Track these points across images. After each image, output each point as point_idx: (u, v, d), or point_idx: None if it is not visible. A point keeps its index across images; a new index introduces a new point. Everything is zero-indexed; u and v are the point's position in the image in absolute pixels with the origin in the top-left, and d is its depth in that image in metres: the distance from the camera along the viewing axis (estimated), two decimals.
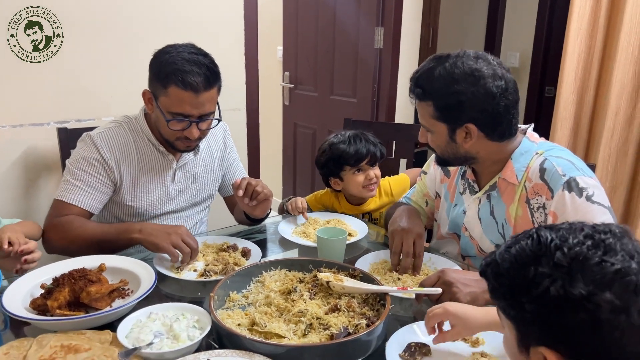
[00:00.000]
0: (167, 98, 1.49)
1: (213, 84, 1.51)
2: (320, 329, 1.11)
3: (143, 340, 1.04)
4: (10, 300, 1.14)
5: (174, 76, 1.46)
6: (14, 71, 1.86)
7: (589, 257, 0.67)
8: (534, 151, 1.39)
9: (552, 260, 0.68)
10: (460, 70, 1.30)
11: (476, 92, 1.29)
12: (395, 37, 3.01)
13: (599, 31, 2.36)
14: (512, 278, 0.72)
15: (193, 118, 1.51)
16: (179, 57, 1.48)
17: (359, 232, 1.72)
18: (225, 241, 1.59)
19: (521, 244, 0.73)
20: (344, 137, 1.92)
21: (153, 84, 1.54)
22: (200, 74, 1.47)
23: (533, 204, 1.36)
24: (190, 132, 1.53)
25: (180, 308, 1.16)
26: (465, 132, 1.35)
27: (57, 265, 1.31)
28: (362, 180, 1.90)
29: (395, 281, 1.40)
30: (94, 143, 1.58)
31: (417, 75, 1.37)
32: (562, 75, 2.44)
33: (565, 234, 0.71)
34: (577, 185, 1.28)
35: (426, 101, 1.35)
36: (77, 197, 1.55)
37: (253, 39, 2.46)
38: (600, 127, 2.39)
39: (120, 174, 1.61)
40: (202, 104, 1.50)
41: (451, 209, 1.59)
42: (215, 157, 1.81)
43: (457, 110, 1.32)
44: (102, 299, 1.19)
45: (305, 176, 3.75)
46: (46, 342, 1.03)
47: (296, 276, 1.32)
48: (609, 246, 0.68)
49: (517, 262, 0.72)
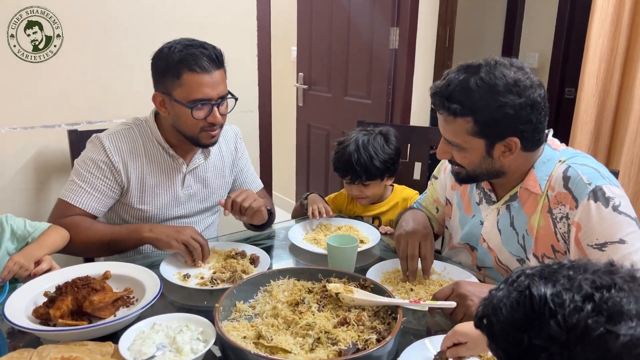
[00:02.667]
0: (184, 88, 1.48)
1: (221, 64, 1.52)
2: (328, 343, 1.07)
3: (145, 353, 1.01)
4: (12, 308, 1.12)
5: (186, 62, 1.46)
6: (14, 71, 1.84)
7: (590, 328, 0.57)
8: (556, 159, 1.32)
9: (547, 330, 0.59)
10: (502, 80, 1.20)
11: (523, 104, 1.20)
12: (411, 37, 2.95)
13: (622, 32, 2.28)
14: (505, 343, 0.64)
15: (213, 101, 1.50)
16: (179, 46, 1.49)
17: (371, 239, 1.67)
18: (233, 247, 1.55)
19: (512, 299, 0.64)
20: (346, 143, 1.86)
21: (162, 82, 1.52)
22: (207, 55, 1.48)
23: (555, 214, 1.30)
24: (214, 116, 1.52)
25: (185, 319, 1.13)
26: (504, 146, 1.26)
27: (61, 272, 1.29)
28: (349, 192, 1.91)
29: (407, 292, 1.35)
30: (102, 145, 1.56)
31: (451, 89, 1.23)
32: (583, 78, 2.36)
33: (562, 291, 0.60)
34: (604, 195, 1.22)
35: (464, 117, 1.23)
36: (82, 200, 1.54)
37: (266, 40, 2.43)
38: (623, 132, 2.31)
39: (127, 177, 1.59)
40: (218, 83, 1.50)
41: (467, 220, 1.53)
42: (226, 161, 1.78)
43: (501, 125, 1.22)
44: (106, 307, 1.16)
45: (319, 177, 3.72)
46: (46, 354, 1.00)
47: (305, 286, 1.28)
48: (614, 308, 0.58)
49: (509, 325, 0.63)
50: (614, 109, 2.38)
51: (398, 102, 3.05)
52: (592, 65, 2.34)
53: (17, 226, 1.42)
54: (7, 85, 1.85)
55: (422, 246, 1.38)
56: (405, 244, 1.38)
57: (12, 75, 1.85)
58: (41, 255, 1.34)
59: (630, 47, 2.31)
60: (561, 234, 1.30)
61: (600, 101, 2.39)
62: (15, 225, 1.42)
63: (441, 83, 1.27)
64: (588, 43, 2.33)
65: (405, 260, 1.38)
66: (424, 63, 3.09)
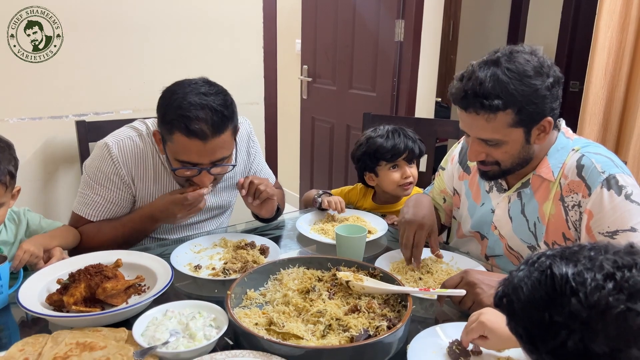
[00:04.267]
0: (173, 145, 1.37)
1: (223, 129, 1.36)
2: (340, 330, 1.08)
3: (159, 339, 1.01)
4: (26, 295, 1.13)
5: (178, 122, 1.32)
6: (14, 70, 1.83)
7: (611, 306, 0.58)
8: (570, 147, 1.34)
9: (568, 307, 0.60)
10: (529, 65, 1.22)
11: (553, 82, 1.24)
12: (417, 30, 2.95)
13: (631, 24, 2.27)
14: (526, 321, 0.65)
15: (203, 165, 1.39)
16: (185, 100, 1.34)
17: (379, 229, 1.68)
18: (242, 238, 1.56)
19: (534, 279, 0.65)
20: (382, 131, 1.86)
21: (160, 126, 1.42)
22: (207, 120, 1.32)
23: (567, 202, 1.31)
24: (200, 179, 1.41)
25: (197, 306, 1.13)
26: (538, 130, 1.28)
27: (73, 260, 1.30)
28: (398, 178, 1.83)
29: (416, 281, 1.36)
30: (111, 156, 1.50)
31: (486, 87, 1.20)
32: (591, 70, 2.36)
33: (583, 271, 0.61)
34: (617, 183, 1.23)
35: (505, 110, 1.22)
36: (96, 213, 1.53)
37: (272, 32, 2.43)
38: (632, 124, 2.31)
39: (136, 188, 1.55)
40: (212, 151, 1.36)
41: (476, 208, 1.54)
42: (237, 170, 1.70)
43: (539, 108, 1.24)
44: (118, 295, 1.17)
45: (323, 171, 3.72)
46: (61, 339, 1.01)
47: (314, 274, 1.29)
48: (635, 286, 0.59)
49: (530, 304, 0.64)
50: (623, 101, 2.38)
51: (403, 94, 3.05)
52: (601, 57, 2.33)
53: (32, 221, 1.43)
54: (10, 81, 1.84)
55: (417, 235, 1.39)
56: (403, 232, 1.41)
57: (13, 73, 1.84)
58: (51, 246, 1.34)
59: (638, 39, 2.30)
60: (572, 222, 1.31)
61: (608, 93, 2.38)
62: (31, 219, 1.43)
63: (470, 84, 1.23)
64: (596, 35, 2.32)
65: (407, 248, 1.40)
66: (429, 56, 3.09)
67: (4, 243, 1.37)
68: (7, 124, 1.87)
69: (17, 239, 1.39)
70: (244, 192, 1.52)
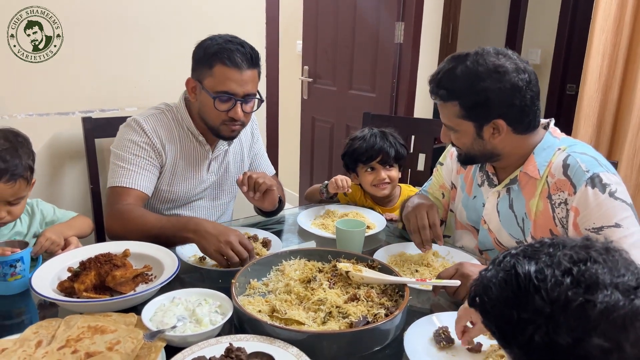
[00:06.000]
0: (213, 78, 1.54)
1: (255, 64, 1.57)
2: (339, 317, 1.12)
3: (167, 323, 1.06)
4: (39, 282, 1.18)
5: (220, 54, 1.52)
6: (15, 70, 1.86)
7: (570, 299, 0.63)
8: (556, 146, 1.39)
9: (532, 304, 0.65)
10: (483, 67, 1.30)
11: (503, 88, 1.29)
12: (416, 32, 3.00)
13: (625, 28, 2.33)
14: (497, 319, 0.70)
15: (237, 97, 1.55)
16: (221, 39, 1.56)
17: (377, 224, 1.73)
18: (245, 232, 1.61)
19: (500, 279, 0.69)
20: (364, 133, 1.93)
21: (197, 69, 1.58)
22: (244, 53, 1.54)
23: (555, 200, 1.36)
24: (235, 111, 1.56)
25: (203, 294, 1.18)
26: (492, 128, 1.35)
27: (83, 249, 1.35)
28: (372, 180, 1.90)
29: (412, 273, 1.41)
30: (142, 127, 1.61)
31: (439, 77, 1.36)
32: (586, 72, 2.41)
33: (544, 268, 0.66)
34: (601, 182, 1.28)
35: (451, 101, 1.35)
36: (134, 181, 1.57)
37: (274, 32, 2.48)
38: (626, 125, 2.36)
39: (165, 157, 1.65)
40: (246, 82, 1.55)
41: (468, 201, 1.59)
42: (244, 145, 1.86)
43: (485, 107, 1.32)
44: (127, 283, 1.22)
45: (323, 170, 3.77)
46: (74, 323, 1.06)
47: (315, 266, 1.34)
48: (590, 279, 0.64)
49: (499, 303, 0.69)
50: (616, 103, 2.43)
51: (402, 95, 3.10)
52: (595, 60, 2.39)
53: (47, 212, 1.48)
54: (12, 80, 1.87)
55: (429, 215, 1.45)
56: (414, 218, 1.45)
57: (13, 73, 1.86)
58: (70, 235, 1.40)
59: (632, 43, 2.36)
60: (559, 219, 1.36)
61: (602, 95, 2.44)
62: (45, 210, 1.48)
63: (435, 72, 1.39)
64: (591, 38, 2.38)
65: (417, 232, 1.44)
66: (429, 58, 3.14)
67: (19, 234, 1.41)
68: (15, 119, 1.91)
69: (30, 230, 1.44)
70: (244, 188, 1.58)
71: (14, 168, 1.28)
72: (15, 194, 1.31)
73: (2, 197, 1.30)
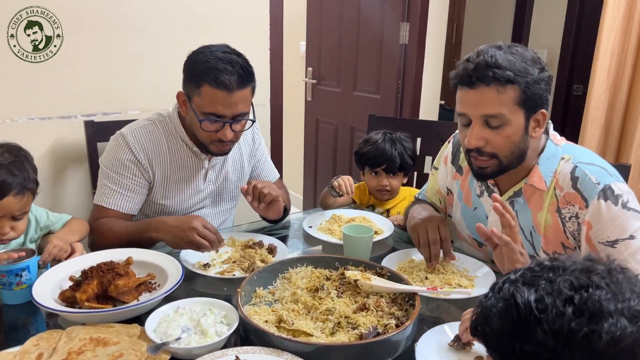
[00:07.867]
0: (200, 98, 1.47)
1: (246, 83, 1.49)
2: (349, 328, 1.09)
3: (171, 335, 1.03)
4: (40, 291, 1.15)
5: (207, 74, 1.44)
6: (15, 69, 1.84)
7: (574, 331, 0.59)
8: (559, 155, 1.34)
9: (535, 337, 0.61)
10: (529, 54, 1.25)
11: (544, 77, 1.26)
12: (421, 33, 2.97)
13: (634, 28, 2.30)
14: (500, 350, 0.67)
15: (226, 118, 1.49)
16: (212, 56, 1.47)
17: (385, 230, 1.69)
18: (250, 238, 1.58)
19: (500, 308, 0.66)
20: (376, 137, 1.96)
21: (187, 85, 1.52)
22: (233, 73, 1.45)
23: (564, 214, 1.31)
24: (223, 133, 1.50)
25: (208, 303, 1.15)
26: (534, 122, 1.28)
27: (85, 257, 1.32)
28: (375, 184, 1.98)
29: (422, 281, 1.37)
30: (127, 143, 1.57)
31: (497, 59, 1.22)
32: (594, 73, 2.38)
33: (544, 296, 0.62)
34: (613, 193, 1.24)
35: (513, 85, 1.22)
36: (116, 202, 1.56)
37: (278, 34, 2.45)
38: (634, 127, 2.33)
39: (153, 173, 1.61)
40: (235, 103, 1.47)
41: (468, 212, 1.54)
42: (244, 153, 1.80)
43: (539, 94, 1.25)
44: (130, 292, 1.19)
45: (327, 172, 3.73)
46: (75, 335, 1.03)
47: (323, 273, 1.31)
48: (593, 307, 0.60)
49: (501, 334, 0.66)
50: (625, 105, 2.39)
51: (407, 97, 3.06)
52: (604, 60, 2.35)
53: (40, 216, 1.45)
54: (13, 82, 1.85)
55: (441, 230, 1.41)
56: (425, 231, 1.41)
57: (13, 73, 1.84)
58: (74, 240, 1.39)
59: None
60: (570, 232, 1.32)
61: (610, 96, 2.40)
62: (39, 215, 1.45)
63: (481, 58, 1.24)
64: (600, 39, 2.34)
65: (427, 246, 1.40)
66: (434, 59, 3.11)
67: (15, 241, 1.38)
68: (16, 123, 1.89)
69: (27, 237, 1.41)
70: (249, 197, 1.55)
71: (23, 181, 1.27)
72: (22, 207, 1.30)
73: (9, 212, 1.28)
